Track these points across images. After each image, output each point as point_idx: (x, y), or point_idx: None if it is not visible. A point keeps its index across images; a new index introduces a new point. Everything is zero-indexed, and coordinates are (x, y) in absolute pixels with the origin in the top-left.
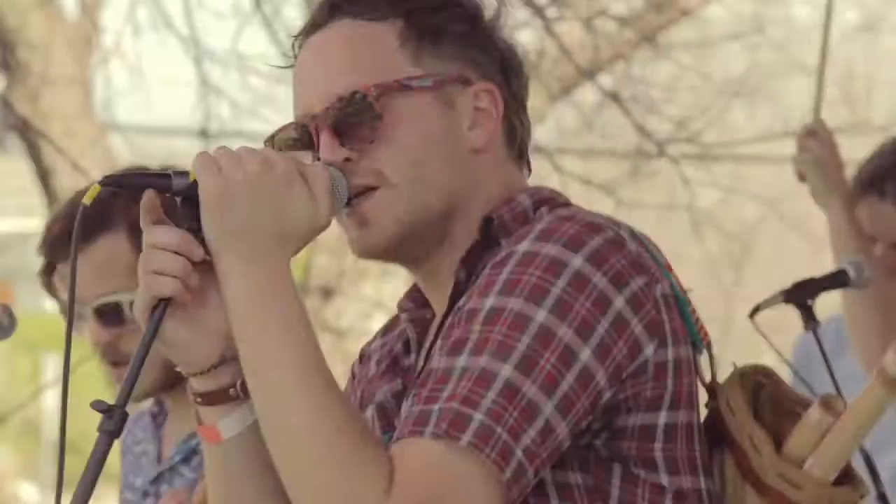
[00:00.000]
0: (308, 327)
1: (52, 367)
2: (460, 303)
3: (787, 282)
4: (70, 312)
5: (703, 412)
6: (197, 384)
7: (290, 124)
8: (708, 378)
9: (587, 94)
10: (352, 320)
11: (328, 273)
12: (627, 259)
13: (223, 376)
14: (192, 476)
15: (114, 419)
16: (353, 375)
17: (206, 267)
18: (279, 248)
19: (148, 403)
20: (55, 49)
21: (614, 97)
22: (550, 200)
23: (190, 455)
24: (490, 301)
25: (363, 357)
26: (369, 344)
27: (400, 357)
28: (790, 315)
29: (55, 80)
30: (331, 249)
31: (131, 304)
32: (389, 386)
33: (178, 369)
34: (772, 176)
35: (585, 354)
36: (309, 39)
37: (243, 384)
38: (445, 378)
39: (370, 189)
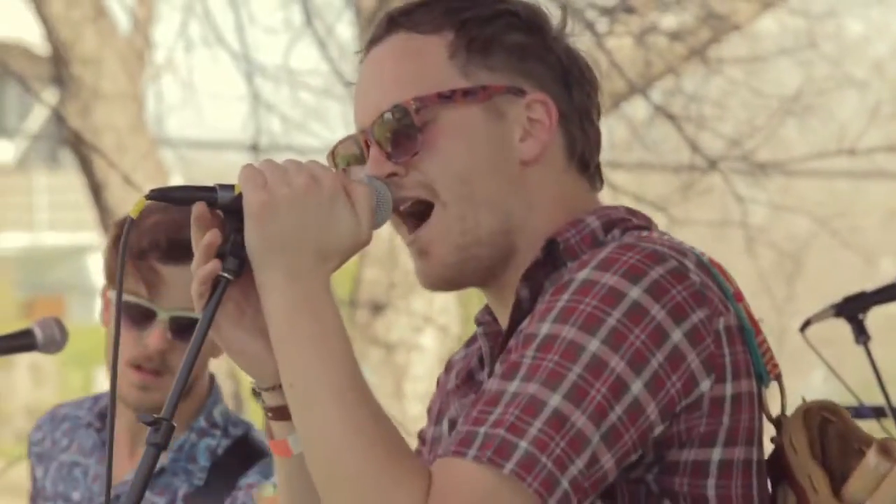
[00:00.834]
0: (345, 342)
1: (103, 380)
2: (523, 325)
3: (839, 296)
4: (117, 319)
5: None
6: (268, 399)
7: (349, 138)
8: (778, 411)
9: (638, 109)
10: (402, 334)
11: (378, 287)
12: (689, 291)
13: None
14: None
15: (160, 431)
16: (438, 384)
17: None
18: (320, 263)
19: (64, 409)
20: (108, 64)
21: (665, 112)
22: (622, 222)
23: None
24: (545, 328)
25: (448, 367)
26: (455, 354)
27: (475, 371)
28: (842, 329)
29: (108, 94)
30: (380, 263)
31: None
32: (462, 401)
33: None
34: (824, 191)
35: (637, 387)
36: (368, 54)
37: None
38: (495, 401)
39: (421, 202)
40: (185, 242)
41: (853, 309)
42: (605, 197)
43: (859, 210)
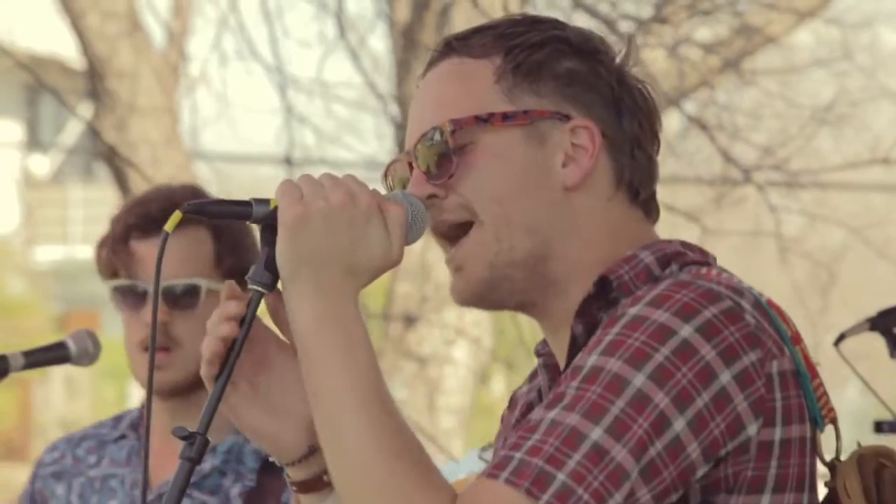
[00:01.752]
0: (370, 355)
1: (136, 393)
2: (576, 360)
3: (873, 307)
4: (153, 326)
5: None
6: (292, 473)
7: (400, 158)
8: (832, 454)
9: (672, 121)
10: (434, 347)
11: (410, 300)
12: (742, 332)
13: (314, 464)
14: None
15: (195, 446)
16: (502, 420)
17: (287, 350)
18: (349, 279)
19: (79, 433)
20: (143, 78)
21: (699, 124)
22: (679, 256)
23: (200, 479)
24: (592, 360)
25: (512, 403)
26: (518, 389)
27: (535, 404)
28: (876, 342)
29: (143, 108)
30: (413, 276)
31: (205, 290)
32: None
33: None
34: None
35: (679, 425)
36: (424, 77)
37: None
38: (534, 428)
39: (462, 224)
40: (154, 216)
41: (888, 323)
42: None
43: (894, 221)
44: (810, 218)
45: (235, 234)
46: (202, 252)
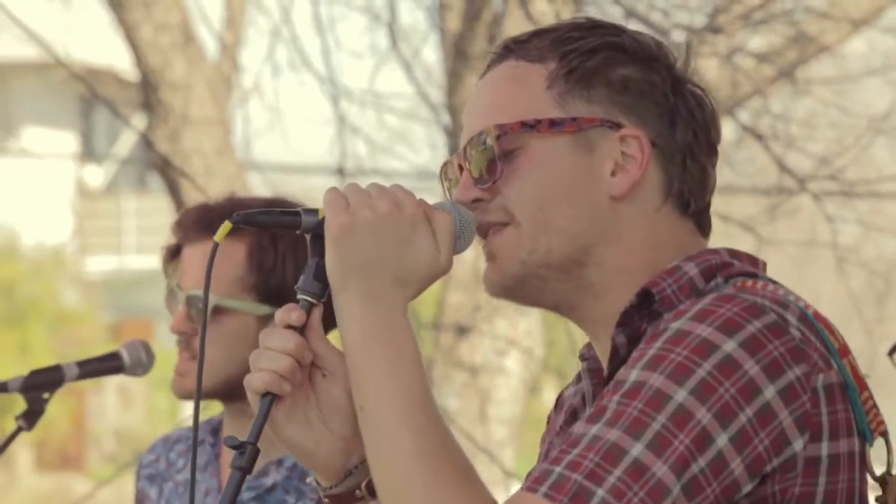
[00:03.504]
0: (418, 367)
1: (190, 403)
2: (619, 373)
3: None
4: (202, 333)
5: None
6: (326, 485)
7: (451, 160)
8: (883, 468)
9: (726, 131)
10: (486, 357)
11: (462, 310)
12: (787, 346)
13: (350, 480)
14: None
15: (245, 455)
16: (549, 421)
17: (326, 376)
18: (397, 288)
19: (176, 433)
20: (196, 89)
21: (754, 133)
22: (725, 267)
23: (263, 493)
24: (634, 374)
25: (558, 404)
26: (565, 389)
27: (578, 410)
28: None
29: (195, 119)
30: (465, 286)
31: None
32: None
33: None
34: None
35: (722, 441)
36: (482, 79)
37: (369, 484)
38: (575, 443)
39: (501, 225)
40: (204, 221)
41: None
42: None
43: None
44: (866, 227)
45: (266, 255)
46: (231, 268)
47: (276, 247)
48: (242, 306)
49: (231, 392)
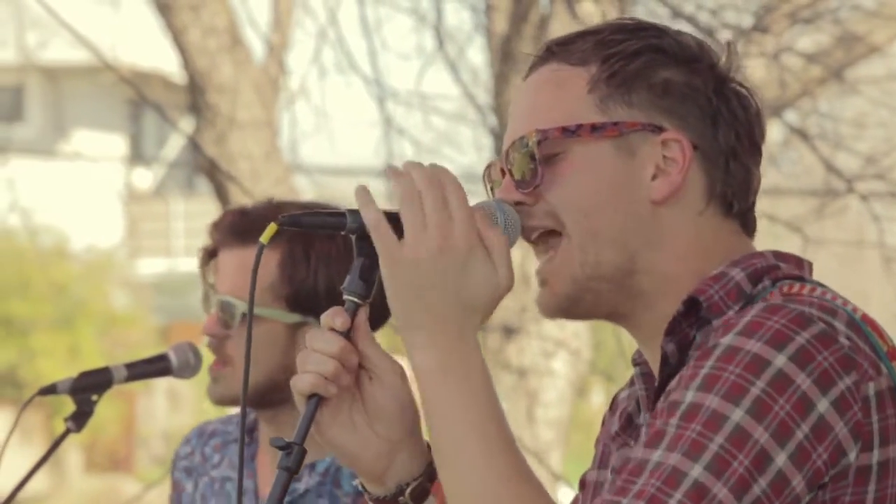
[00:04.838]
0: (491, 400)
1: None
2: (671, 385)
3: None
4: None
5: None
6: (371, 490)
7: (493, 163)
8: None
9: (773, 131)
10: (534, 359)
11: (509, 311)
12: (836, 356)
13: (392, 484)
14: None
15: (292, 456)
16: (604, 423)
17: (372, 379)
18: (462, 318)
19: (211, 425)
20: (243, 92)
21: (801, 133)
22: (771, 271)
23: (296, 498)
24: (689, 395)
25: (613, 406)
26: (620, 391)
27: (634, 415)
28: None
29: (243, 122)
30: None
31: (242, 315)
32: (621, 451)
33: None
34: None
35: (781, 459)
36: (525, 81)
37: (413, 492)
38: (639, 471)
39: (549, 233)
40: (240, 227)
41: None
42: None
43: None
44: None
45: (298, 264)
46: (263, 276)
47: (308, 256)
48: (272, 314)
49: (260, 399)
